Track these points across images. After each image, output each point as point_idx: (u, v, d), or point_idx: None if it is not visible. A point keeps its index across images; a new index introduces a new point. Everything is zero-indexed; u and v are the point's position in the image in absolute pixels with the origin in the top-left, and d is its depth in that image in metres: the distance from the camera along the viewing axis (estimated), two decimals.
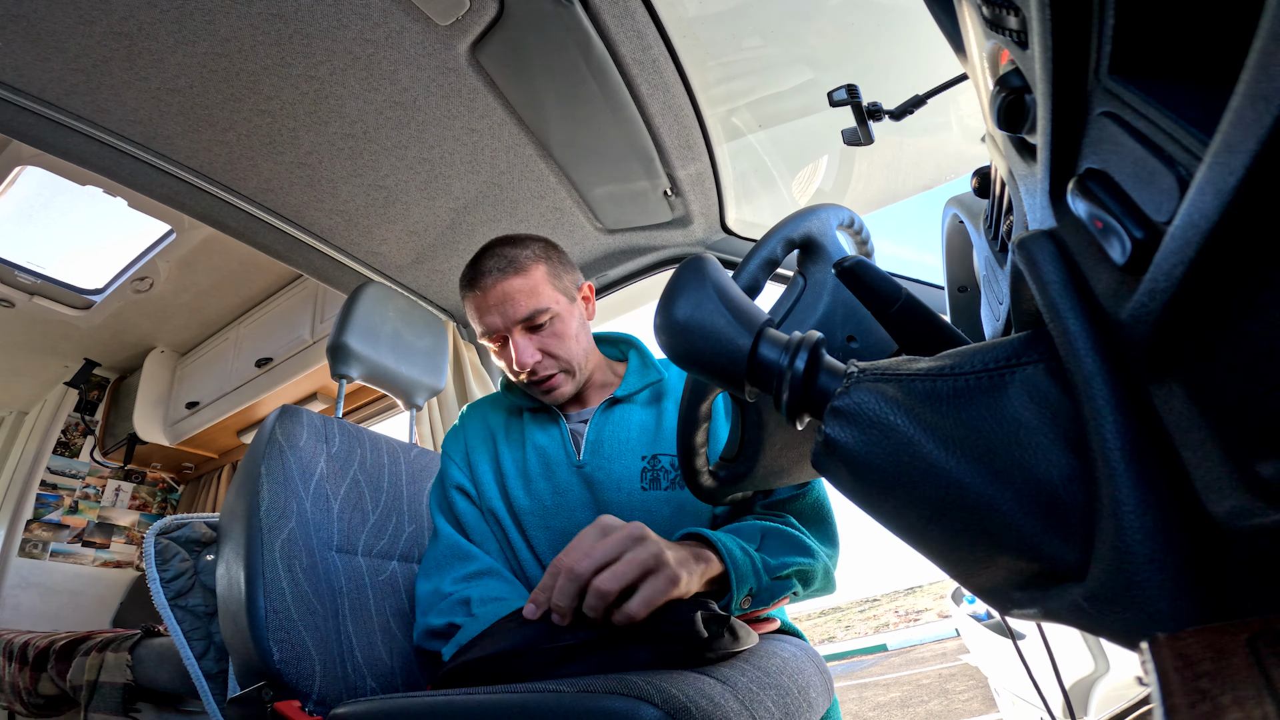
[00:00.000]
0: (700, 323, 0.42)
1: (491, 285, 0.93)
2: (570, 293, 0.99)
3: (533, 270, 0.94)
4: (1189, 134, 0.20)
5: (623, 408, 0.98)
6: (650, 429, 0.96)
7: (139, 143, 1.23)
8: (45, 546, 2.82)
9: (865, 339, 0.58)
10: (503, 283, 0.92)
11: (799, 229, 0.60)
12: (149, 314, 2.66)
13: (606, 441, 0.95)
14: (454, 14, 1.03)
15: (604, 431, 0.96)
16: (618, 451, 0.94)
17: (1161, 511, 0.23)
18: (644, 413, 0.98)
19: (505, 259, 0.94)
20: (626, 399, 0.99)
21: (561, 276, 0.98)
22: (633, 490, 0.91)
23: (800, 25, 1.22)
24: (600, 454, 0.94)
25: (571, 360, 0.96)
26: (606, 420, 0.97)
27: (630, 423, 0.96)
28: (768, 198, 1.57)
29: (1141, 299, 0.21)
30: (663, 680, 0.53)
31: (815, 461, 0.37)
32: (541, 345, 0.94)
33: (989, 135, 0.43)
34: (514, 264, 0.93)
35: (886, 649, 12.19)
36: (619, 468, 0.93)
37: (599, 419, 0.98)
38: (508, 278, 0.93)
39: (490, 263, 0.94)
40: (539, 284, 0.94)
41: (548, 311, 0.93)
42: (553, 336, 0.95)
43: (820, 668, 0.84)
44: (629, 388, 0.99)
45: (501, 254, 0.95)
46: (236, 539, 0.84)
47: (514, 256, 0.94)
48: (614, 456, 0.94)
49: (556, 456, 0.96)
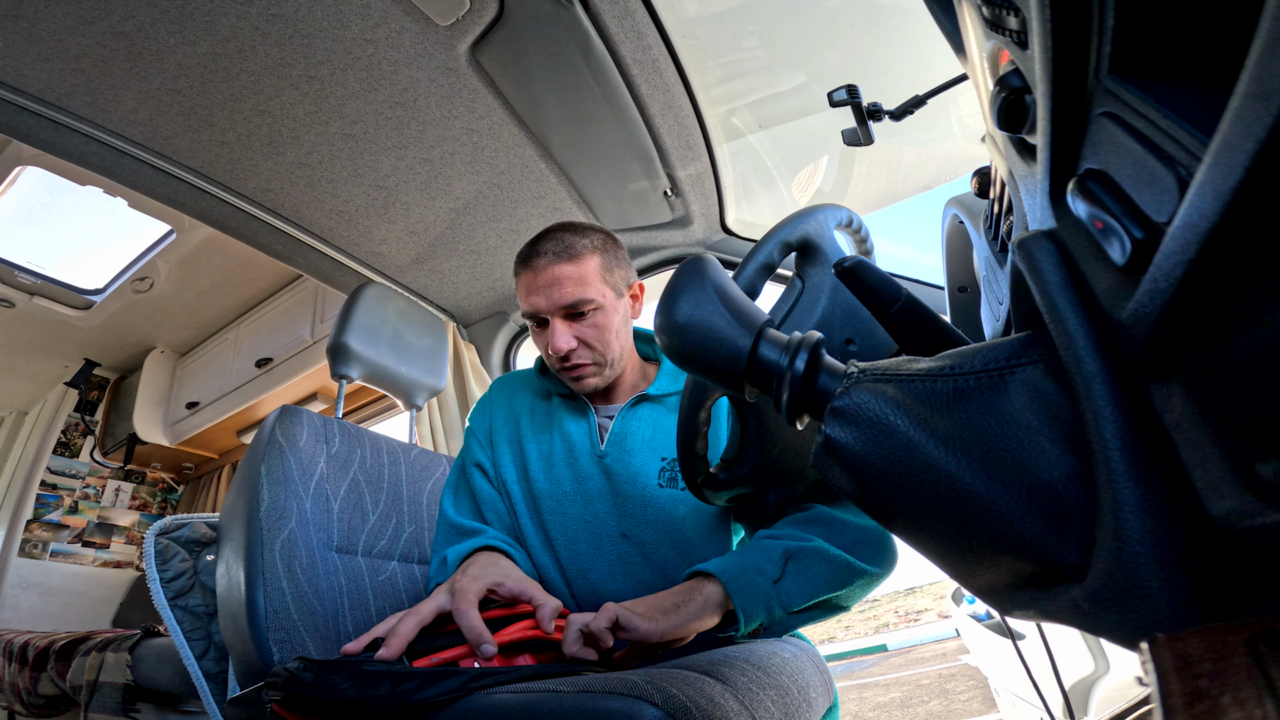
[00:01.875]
0: (700, 323, 0.42)
1: (544, 267, 0.92)
2: (619, 288, 0.99)
3: (587, 260, 0.94)
4: (1189, 134, 0.20)
5: (650, 406, 0.99)
6: (673, 433, 0.96)
7: (139, 143, 1.23)
8: (45, 546, 2.82)
9: (865, 340, 0.58)
10: (555, 266, 0.92)
11: (795, 232, 0.60)
12: (149, 314, 2.66)
13: (630, 435, 0.96)
14: (454, 14, 1.03)
15: (629, 425, 0.97)
16: (639, 447, 0.95)
17: (1161, 512, 0.23)
18: (670, 417, 0.98)
19: (563, 244, 0.94)
20: (657, 399, 0.99)
21: (614, 270, 0.98)
22: (649, 485, 0.92)
23: (800, 26, 1.22)
24: (622, 447, 0.95)
25: (607, 354, 0.96)
26: (633, 415, 0.98)
27: (656, 423, 0.97)
28: (768, 198, 1.57)
29: (1141, 299, 0.21)
30: (663, 680, 0.53)
31: (815, 462, 0.37)
32: (580, 334, 0.94)
33: (989, 135, 0.43)
34: (569, 250, 0.93)
35: (886, 649, 12.19)
36: (638, 462, 0.93)
37: (626, 413, 0.98)
38: (560, 262, 0.92)
39: (548, 244, 0.94)
40: (589, 274, 0.93)
41: (592, 303, 0.93)
42: (592, 328, 0.94)
43: (820, 668, 0.84)
44: (661, 388, 1.00)
45: (560, 238, 0.94)
46: (236, 539, 0.84)
47: (571, 243, 0.94)
48: (635, 451, 0.94)
49: (581, 445, 0.97)
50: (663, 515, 0.90)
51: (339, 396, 1.25)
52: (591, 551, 0.92)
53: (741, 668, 0.65)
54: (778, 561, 0.75)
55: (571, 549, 0.92)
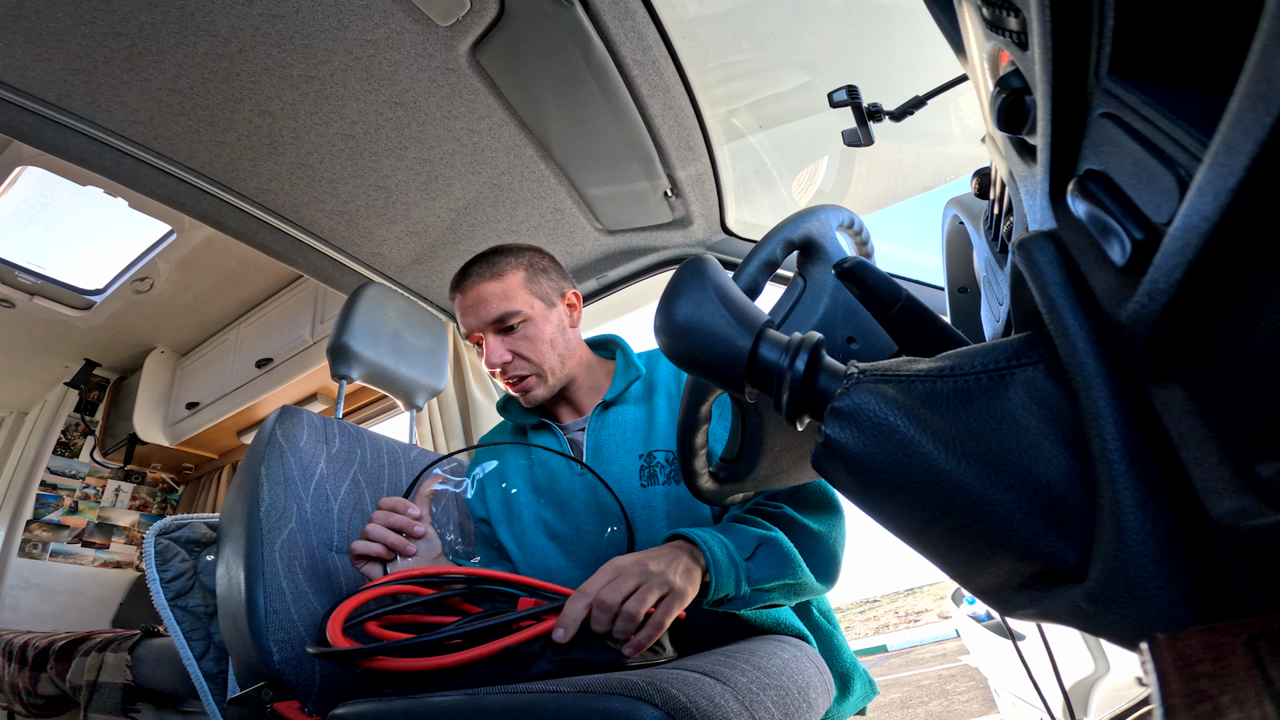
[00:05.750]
0: (700, 324, 0.42)
1: (470, 288, 0.99)
2: (549, 298, 1.02)
3: (509, 275, 0.99)
4: (1189, 135, 0.20)
5: (616, 410, 1.01)
6: (643, 426, 0.98)
7: (140, 143, 1.24)
8: (45, 547, 2.82)
9: (865, 340, 0.58)
10: (479, 286, 0.99)
11: (798, 230, 0.60)
12: (149, 314, 2.66)
13: (605, 445, 0.98)
14: (454, 15, 1.03)
15: (601, 436, 0.99)
16: (615, 454, 0.96)
17: (1161, 512, 0.23)
18: (636, 411, 1.00)
19: (487, 264, 1.00)
20: (617, 400, 1.02)
21: (540, 282, 1.02)
22: (632, 489, 0.93)
23: (801, 26, 1.22)
24: (600, 459, 0.97)
25: (543, 364, 0.99)
26: (602, 425, 1.00)
27: (625, 424, 0.99)
28: (768, 198, 1.57)
29: (1141, 300, 0.21)
30: (663, 681, 0.53)
31: (815, 463, 0.37)
32: (513, 347, 0.98)
33: (989, 136, 0.43)
34: (492, 269, 1.00)
35: (886, 650, 12.18)
36: (617, 469, 0.95)
37: (595, 424, 1.00)
38: (484, 281, 0.99)
39: (475, 267, 1.01)
40: (512, 288, 0.99)
41: (519, 315, 0.98)
42: (524, 339, 0.98)
43: (820, 668, 0.84)
44: (615, 389, 1.02)
45: (487, 259, 1.01)
46: (236, 539, 0.84)
47: (495, 262, 1.00)
48: (612, 459, 0.96)
49: (559, 467, 0.99)
50: (648, 514, 0.92)
51: (339, 397, 1.25)
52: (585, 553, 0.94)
53: (742, 668, 0.65)
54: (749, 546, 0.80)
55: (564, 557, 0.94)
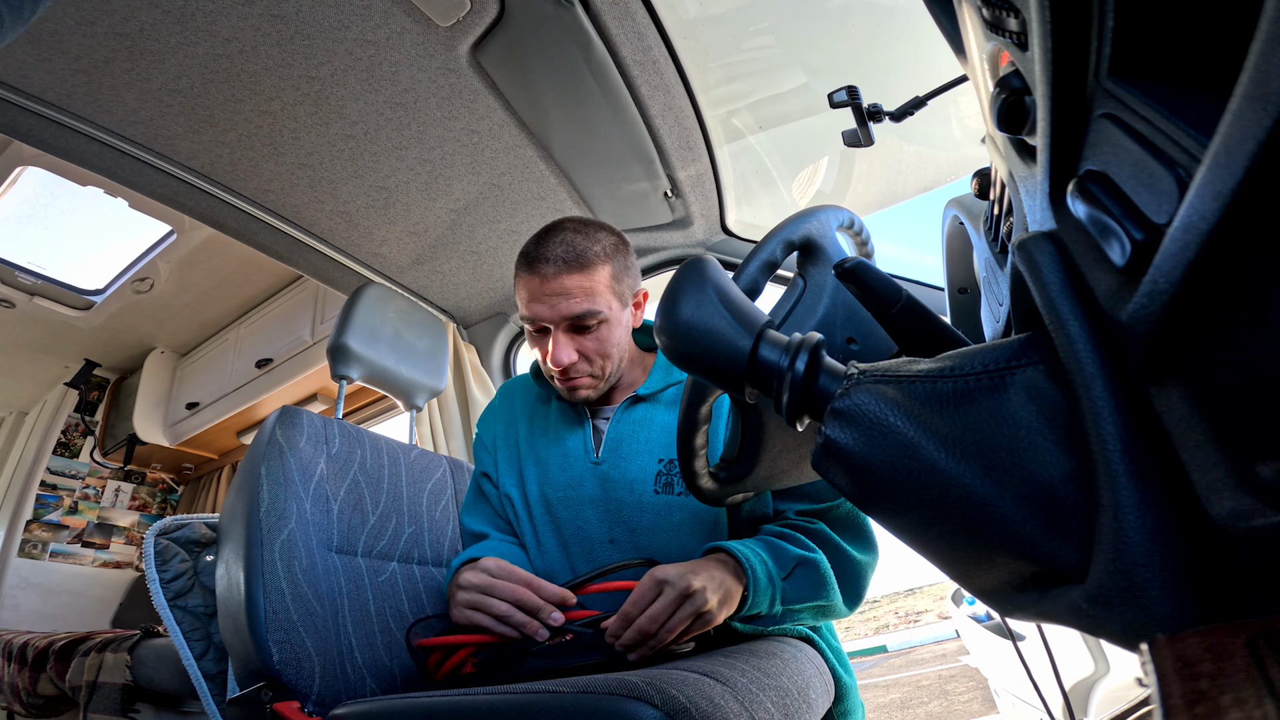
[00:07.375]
0: (701, 324, 0.42)
1: (551, 275, 0.86)
2: (626, 298, 0.94)
3: (598, 270, 0.87)
4: (1188, 136, 0.20)
5: (645, 407, 0.95)
6: (671, 431, 0.92)
7: (140, 143, 1.24)
8: (45, 547, 2.82)
9: (865, 340, 0.58)
10: (564, 276, 0.85)
11: (798, 231, 0.60)
12: (149, 314, 2.66)
13: (626, 440, 0.93)
14: (455, 15, 1.03)
15: (624, 430, 0.94)
16: (635, 452, 0.92)
17: (1161, 513, 0.23)
18: (667, 414, 0.94)
19: (573, 250, 0.86)
20: (649, 398, 0.96)
21: (623, 279, 0.92)
22: (645, 492, 0.89)
23: (801, 27, 1.22)
24: (618, 453, 0.93)
25: (606, 367, 0.93)
26: (627, 419, 0.95)
27: (652, 424, 0.93)
28: (768, 199, 1.57)
29: (1141, 300, 0.21)
30: (662, 681, 0.53)
31: (815, 463, 0.37)
32: (581, 347, 0.89)
33: (989, 137, 0.43)
34: (580, 258, 0.86)
35: (886, 650, 12.18)
36: (634, 468, 0.91)
37: (620, 417, 0.95)
38: (570, 272, 0.86)
39: (557, 248, 0.86)
40: (599, 286, 0.87)
41: (599, 315, 0.88)
42: (595, 341, 0.90)
43: (820, 669, 0.84)
44: (652, 385, 0.96)
45: (571, 243, 0.87)
46: (236, 540, 0.84)
47: (582, 250, 0.87)
48: (631, 456, 0.92)
49: (575, 451, 0.95)
50: (658, 521, 0.88)
51: (339, 397, 1.25)
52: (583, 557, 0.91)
53: (741, 669, 0.65)
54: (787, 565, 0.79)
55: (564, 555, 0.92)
